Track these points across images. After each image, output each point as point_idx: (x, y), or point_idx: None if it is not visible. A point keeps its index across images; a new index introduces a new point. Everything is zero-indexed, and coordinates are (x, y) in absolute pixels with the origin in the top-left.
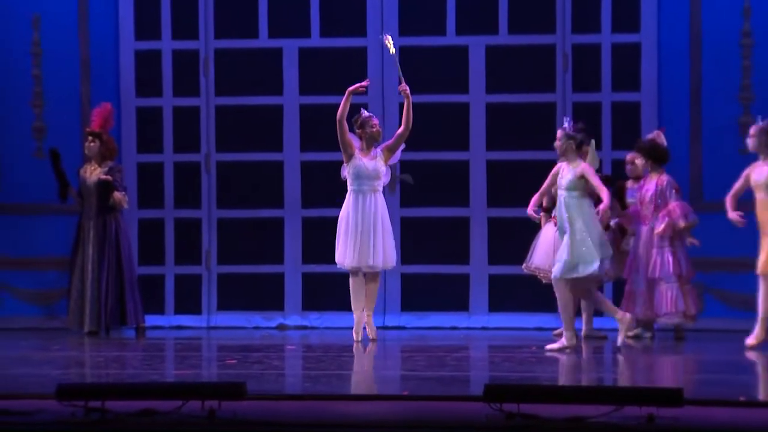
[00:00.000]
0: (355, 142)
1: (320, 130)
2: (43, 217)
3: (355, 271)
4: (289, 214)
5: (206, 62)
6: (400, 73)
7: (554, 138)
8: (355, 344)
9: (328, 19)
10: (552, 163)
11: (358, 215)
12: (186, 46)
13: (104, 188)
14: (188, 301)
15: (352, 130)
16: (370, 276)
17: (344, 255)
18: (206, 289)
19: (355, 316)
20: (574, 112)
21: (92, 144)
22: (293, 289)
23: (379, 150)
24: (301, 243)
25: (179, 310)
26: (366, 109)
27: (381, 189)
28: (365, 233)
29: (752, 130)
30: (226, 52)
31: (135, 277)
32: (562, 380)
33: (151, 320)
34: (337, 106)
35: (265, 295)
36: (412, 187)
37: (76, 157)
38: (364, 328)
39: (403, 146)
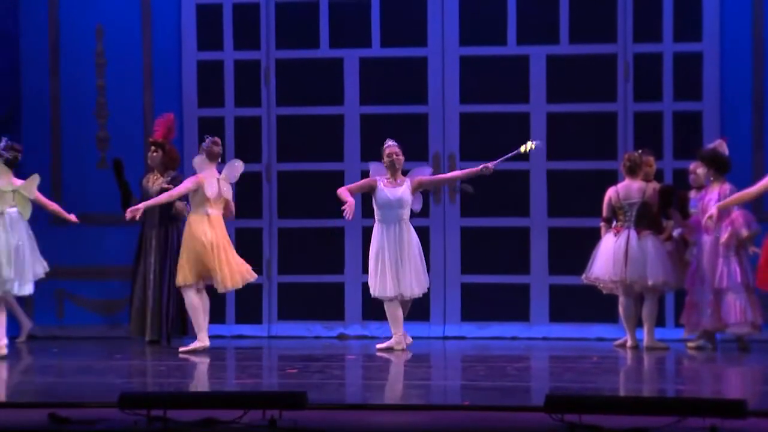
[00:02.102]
0: (376, 172)
1: (381, 139)
2: (106, 227)
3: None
4: (350, 224)
5: (267, 72)
6: (501, 161)
7: (615, 149)
8: (404, 353)
9: (389, 29)
10: (611, 174)
11: (384, 247)
12: (247, 56)
13: None
14: (249, 310)
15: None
16: (404, 302)
17: (375, 286)
18: (267, 298)
19: (396, 338)
20: (636, 121)
21: (155, 154)
22: (354, 299)
23: (408, 180)
24: (361, 253)
25: (240, 320)
26: (426, 119)
27: (407, 217)
28: (394, 265)
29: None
30: (288, 63)
31: None
32: (624, 391)
33: (212, 329)
34: (398, 115)
35: (325, 304)
36: (472, 196)
37: (139, 167)
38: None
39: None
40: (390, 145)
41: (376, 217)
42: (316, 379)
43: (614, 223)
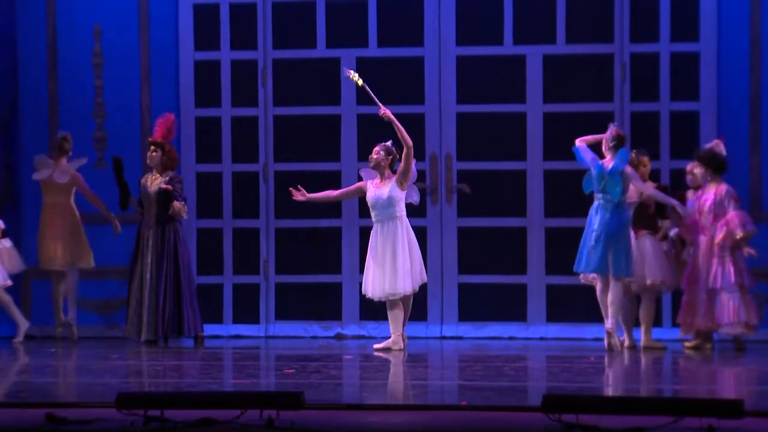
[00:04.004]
0: (367, 176)
1: (378, 139)
2: (104, 227)
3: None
4: (347, 224)
5: (264, 72)
6: (375, 99)
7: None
8: (402, 353)
9: (386, 28)
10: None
11: (376, 246)
12: (245, 56)
13: (164, 198)
14: (246, 310)
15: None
16: (403, 299)
17: (365, 285)
18: (264, 298)
19: (394, 338)
20: (633, 121)
21: (154, 154)
22: (351, 299)
23: (393, 177)
24: (358, 253)
25: (237, 320)
26: (423, 118)
27: (401, 214)
28: (381, 263)
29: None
30: (285, 62)
31: (193, 287)
32: (621, 391)
33: (209, 329)
34: (395, 115)
35: (322, 304)
36: (469, 196)
37: (136, 167)
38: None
39: (414, 161)
40: (380, 144)
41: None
42: (313, 379)
43: None
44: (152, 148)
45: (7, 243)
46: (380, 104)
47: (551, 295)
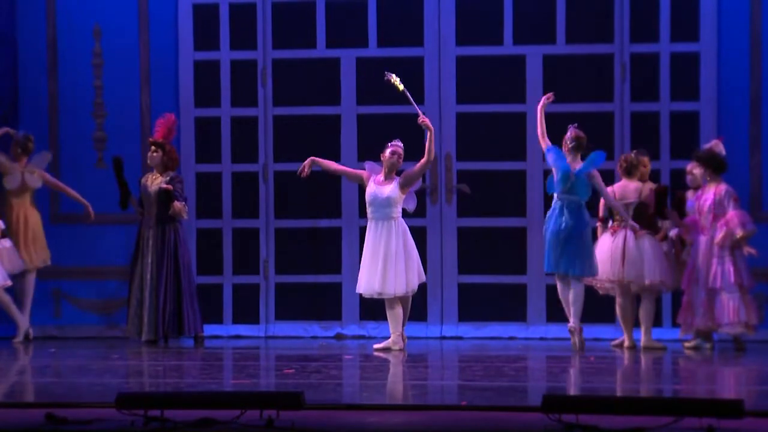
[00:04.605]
0: (369, 168)
1: (378, 140)
2: (104, 227)
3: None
4: (347, 224)
5: (264, 72)
6: (414, 105)
7: (612, 149)
8: (402, 353)
9: (386, 29)
10: (608, 174)
11: (371, 244)
12: (244, 56)
13: (165, 198)
14: (246, 310)
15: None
16: (402, 299)
17: (359, 282)
18: (264, 298)
19: (393, 338)
20: (633, 121)
21: (155, 154)
22: (351, 299)
23: (397, 178)
24: (358, 253)
25: (237, 320)
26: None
27: (398, 215)
28: (374, 261)
29: None
30: (284, 63)
31: (193, 287)
32: (621, 391)
33: (209, 330)
34: (395, 115)
35: (322, 304)
36: (469, 196)
37: (136, 167)
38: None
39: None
40: (396, 145)
41: (368, 214)
42: (313, 379)
43: (611, 222)
44: (153, 148)
45: (6, 243)
46: (419, 111)
47: (551, 295)
